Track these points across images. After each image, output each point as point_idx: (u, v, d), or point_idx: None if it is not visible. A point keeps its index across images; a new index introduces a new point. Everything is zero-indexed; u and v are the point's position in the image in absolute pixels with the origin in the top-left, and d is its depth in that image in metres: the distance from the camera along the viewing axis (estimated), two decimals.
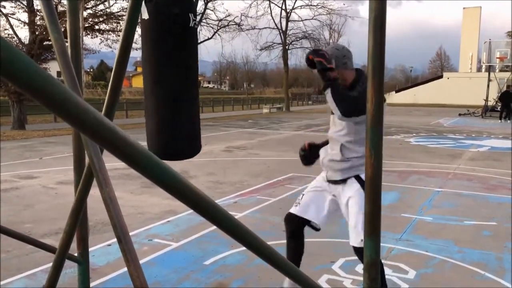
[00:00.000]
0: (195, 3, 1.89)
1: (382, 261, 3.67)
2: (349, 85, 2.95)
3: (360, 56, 3.37)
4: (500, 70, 34.50)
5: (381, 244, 1.38)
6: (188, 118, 1.93)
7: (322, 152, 3.32)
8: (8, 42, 0.46)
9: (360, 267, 3.89)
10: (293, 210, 3.19)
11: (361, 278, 3.66)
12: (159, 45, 1.78)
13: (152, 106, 1.90)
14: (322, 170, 3.31)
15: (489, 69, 30.67)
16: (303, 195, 3.26)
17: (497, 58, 29.98)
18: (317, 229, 3.27)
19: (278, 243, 4.52)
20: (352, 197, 2.97)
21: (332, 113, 3.00)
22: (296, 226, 3.20)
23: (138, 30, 1.60)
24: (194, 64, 1.91)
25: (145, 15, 1.76)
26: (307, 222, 3.19)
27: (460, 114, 28.68)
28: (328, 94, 2.80)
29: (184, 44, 1.80)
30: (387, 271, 3.83)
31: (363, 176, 2.91)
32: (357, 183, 2.96)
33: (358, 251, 3.00)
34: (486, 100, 28.54)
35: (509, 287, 3.59)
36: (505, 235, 4.87)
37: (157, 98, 1.87)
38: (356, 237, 2.96)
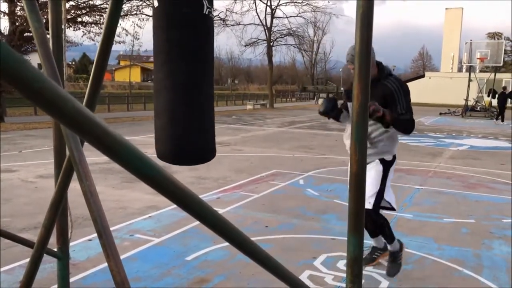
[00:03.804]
0: None
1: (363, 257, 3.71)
2: (374, 78, 3.35)
3: (345, 55, 3.41)
4: (480, 71, 35.06)
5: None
6: (203, 117, 1.73)
7: (348, 139, 3.62)
8: None
9: (341, 264, 3.92)
10: None
11: (343, 274, 3.68)
12: (170, 32, 1.61)
13: (164, 102, 1.67)
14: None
15: (470, 69, 31.13)
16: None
17: (477, 58, 30.45)
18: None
19: (261, 239, 4.53)
20: (371, 169, 3.43)
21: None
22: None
23: (121, 22, 1.50)
24: (210, 55, 1.72)
25: (155, 2, 1.65)
26: None
27: (441, 113, 29.08)
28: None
29: (197, 31, 1.64)
30: (368, 267, 3.87)
31: (386, 158, 3.51)
32: (378, 160, 3.49)
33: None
34: (466, 100, 28.98)
35: (485, 283, 3.66)
36: (483, 233, 4.95)
37: (169, 93, 1.65)
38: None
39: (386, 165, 3.52)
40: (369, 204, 3.46)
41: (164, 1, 1.63)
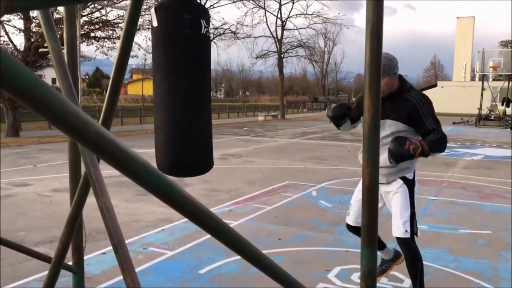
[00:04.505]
0: (208, 11, 1.81)
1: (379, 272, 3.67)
2: (395, 92, 3.20)
3: (355, 65, 3.43)
4: (494, 79, 34.76)
5: (378, 252, 1.39)
6: (202, 130, 1.82)
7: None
8: (8, 54, 0.45)
9: (356, 276, 3.89)
10: (348, 220, 3.56)
11: (357, 287, 3.65)
12: (171, 51, 1.69)
13: (164, 117, 1.76)
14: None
15: (483, 78, 30.89)
16: (350, 204, 3.56)
17: (490, 67, 30.20)
18: None
19: (274, 251, 4.51)
20: (396, 192, 3.27)
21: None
22: (356, 231, 3.43)
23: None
24: (207, 72, 1.83)
25: (154, 22, 1.71)
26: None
27: (454, 123, 28.83)
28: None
29: (196, 50, 1.73)
30: (382, 279, 3.83)
31: (407, 175, 3.30)
32: (401, 180, 3.28)
33: (400, 241, 3.28)
34: (480, 108, 28.71)
35: None
36: (500, 244, 4.88)
37: (170, 108, 1.74)
38: (398, 228, 3.24)
39: (410, 185, 3.29)
40: (406, 232, 3.20)
41: (164, 21, 1.69)
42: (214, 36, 27.98)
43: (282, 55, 32.96)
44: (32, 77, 0.43)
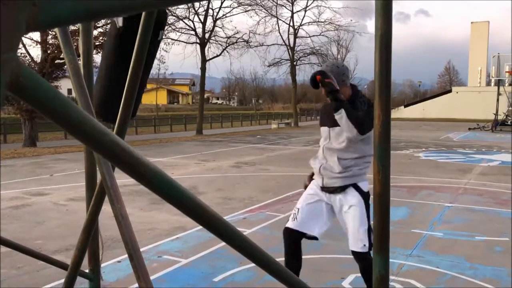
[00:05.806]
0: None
1: (392, 277, 3.63)
2: (347, 101, 3.09)
3: (369, 72, 3.42)
4: (510, 84, 34.32)
5: (392, 260, 1.38)
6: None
7: (315, 162, 3.37)
8: (30, 69, 0.48)
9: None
10: (291, 224, 3.29)
11: None
12: (127, 50, 1.75)
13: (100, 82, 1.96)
14: (317, 177, 3.33)
15: (499, 83, 30.55)
16: (298, 209, 3.33)
17: (506, 72, 29.87)
18: (316, 238, 3.37)
19: None
20: (353, 206, 3.11)
21: (330, 126, 3.20)
22: (294, 240, 3.29)
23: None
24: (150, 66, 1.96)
25: (120, 22, 1.75)
26: (304, 235, 3.30)
27: (470, 129, 28.49)
28: (341, 114, 2.97)
29: (148, 53, 1.84)
30: (398, 286, 3.80)
31: (361, 185, 3.14)
32: (356, 192, 3.12)
33: (357, 255, 3.15)
34: (496, 114, 28.35)
35: None
36: None
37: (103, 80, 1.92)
38: (356, 243, 3.12)
39: (366, 199, 3.11)
40: (364, 247, 3.07)
41: (127, 23, 1.74)
42: (227, 45, 28.11)
43: (294, 63, 32.98)
44: (52, 90, 0.46)
